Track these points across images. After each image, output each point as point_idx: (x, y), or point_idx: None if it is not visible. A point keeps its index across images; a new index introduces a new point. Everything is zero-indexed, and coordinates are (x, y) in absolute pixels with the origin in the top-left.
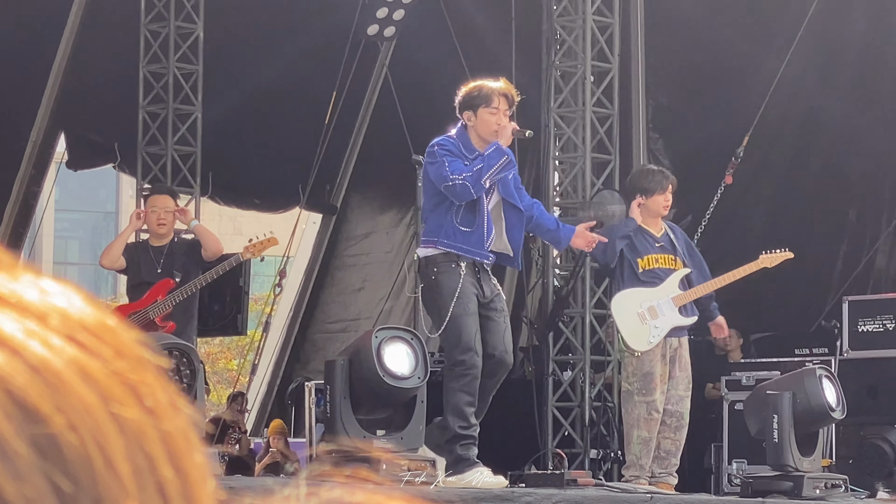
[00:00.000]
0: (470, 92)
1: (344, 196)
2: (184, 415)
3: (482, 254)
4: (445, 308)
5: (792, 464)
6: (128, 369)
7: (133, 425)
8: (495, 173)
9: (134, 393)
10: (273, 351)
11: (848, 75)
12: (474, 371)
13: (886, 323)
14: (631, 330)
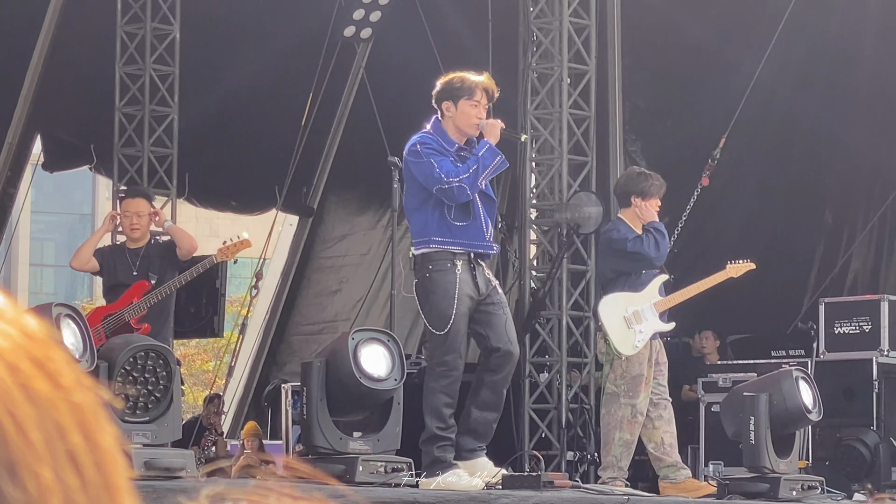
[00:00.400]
0: (451, 82)
1: (320, 198)
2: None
3: (484, 245)
4: (440, 307)
5: (768, 465)
6: (35, 347)
7: (43, 396)
8: (490, 174)
9: (42, 369)
10: (249, 353)
11: (825, 77)
12: (455, 373)
13: (863, 325)
14: (619, 334)
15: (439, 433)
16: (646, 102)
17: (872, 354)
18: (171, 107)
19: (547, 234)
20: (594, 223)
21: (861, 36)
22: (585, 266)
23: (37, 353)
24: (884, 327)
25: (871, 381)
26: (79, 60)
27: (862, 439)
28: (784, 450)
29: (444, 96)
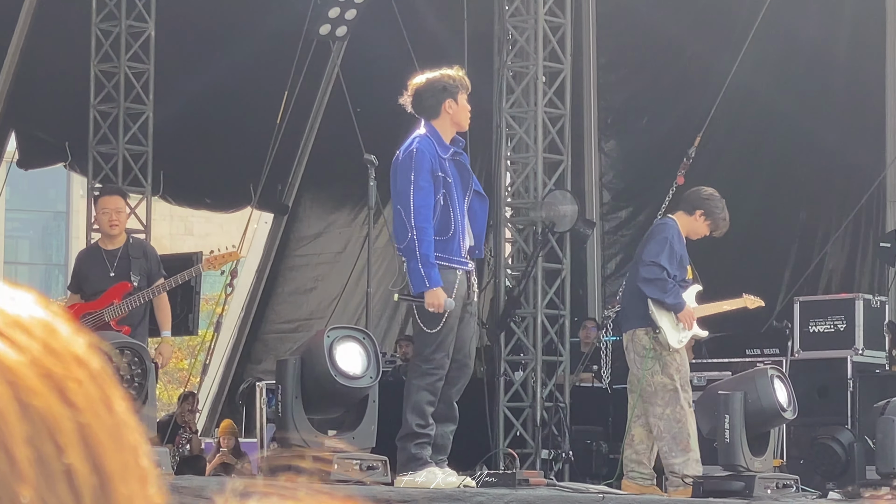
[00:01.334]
0: (443, 80)
1: (296, 195)
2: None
3: (460, 261)
4: None
5: (743, 464)
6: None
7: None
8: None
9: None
10: (224, 351)
11: (800, 75)
12: (441, 372)
13: (837, 324)
14: (670, 329)
15: (418, 430)
16: (621, 101)
17: (847, 353)
18: (146, 104)
19: (522, 232)
20: (569, 221)
21: (836, 35)
22: (560, 264)
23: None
24: (858, 326)
25: (846, 379)
26: (53, 58)
27: (836, 438)
28: (759, 448)
29: (445, 95)
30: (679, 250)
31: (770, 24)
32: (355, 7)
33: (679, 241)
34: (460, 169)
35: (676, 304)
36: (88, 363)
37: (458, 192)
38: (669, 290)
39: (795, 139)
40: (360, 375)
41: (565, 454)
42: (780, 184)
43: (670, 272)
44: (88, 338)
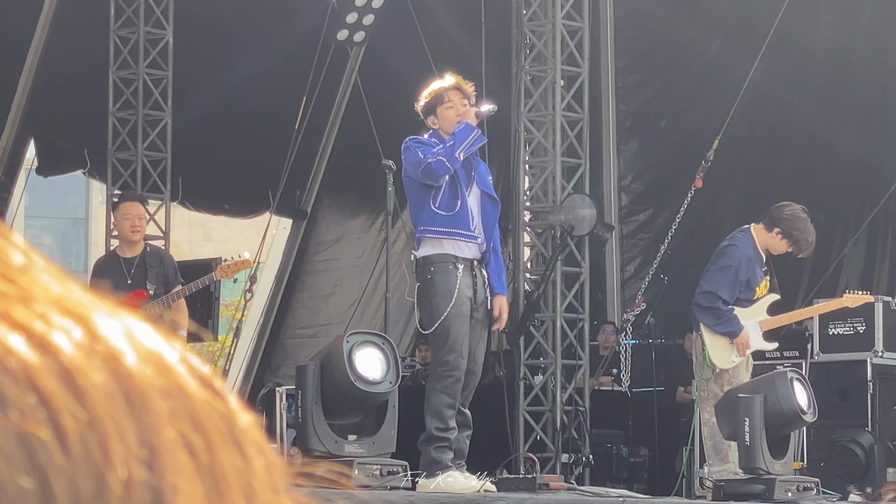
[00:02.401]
0: (425, 99)
1: (314, 201)
2: (271, 462)
3: (469, 235)
4: (438, 308)
5: (764, 467)
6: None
7: (225, 469)
8: (468, 146)
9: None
10: (244, 356)
11: (818, 77)
12: (457, 373)
13: (857, 326)
14: (717, 347)
15: (438, 434)
16: (639, 104)
17: (867, 355)
18: (164, 111)
19: (541, 236)
20: (588, 225)
21: (854, 37)
22: (579, 268)
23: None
24: (878, 328)
25: (866, 381)
26: (72, 65)
27: (857, 440)
28: (779, 451)
29: (426, 113)
30: (745, 274)
31: (787, 26)
32: (373, 12)
33: (747, 264)
34: (463, 164)
35: (730, 333)
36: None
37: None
38: (723, 320)
39: (813, 141)
40: (379, 380)
41: (585, 458)
42: (798, 186)
43: (728, 300)
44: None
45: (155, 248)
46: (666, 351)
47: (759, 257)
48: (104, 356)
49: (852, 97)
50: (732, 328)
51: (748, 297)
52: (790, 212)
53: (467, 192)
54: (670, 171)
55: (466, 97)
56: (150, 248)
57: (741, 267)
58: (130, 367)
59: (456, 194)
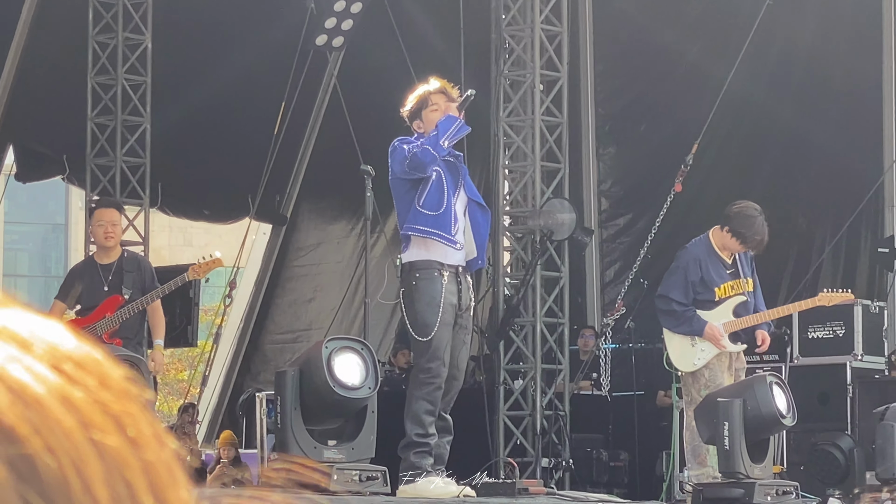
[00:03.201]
0: (410, 105)
1: (294, 206)
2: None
3: (449, 239)
4: (422, 315)
5: (743, 471)
6: (111, 400)
7: (114, 453)
8: (452, 134)
9: (116, 422)
10: (224, 362)
11: (797, 81)
12: (437, 381)
13: (837, 329)
14: (678, 350)
15: (417, 440)
16: (618, 108)
17: (846, 359)
18: (143, 116)
19: (520, 240)
20: (567, 229)
21: (833, 40)
22: (559, 272)
23: (114, 406)
24: (857, 332)
25: (846, 385)
26: (51, 71)
27: (836, 444)
28: (758, 455)
29: (412, 118)
30: (694, 275)
31: (767, 30)
32: (352, 18)
33: (695, 264)
34: (451, 169)
35: (693, 332)
36: (136, 397)
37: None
38: (681, 321)
39: (793, 145)
40: (358, 386)
41: (565, 462)
42: (778, 190)
43: (682, 301)
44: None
45: (132, 253)
46: (646, 355)
47: (718, 258)
48: None
49: (832, 101)
50: (694, 326)
51: (708, 297)
52: (738, 209)
53: (454, 196)
54: (650, 175)
55: (452, 101)
56: (127, 254)
57: (689, 268)
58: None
59: (442, 195)
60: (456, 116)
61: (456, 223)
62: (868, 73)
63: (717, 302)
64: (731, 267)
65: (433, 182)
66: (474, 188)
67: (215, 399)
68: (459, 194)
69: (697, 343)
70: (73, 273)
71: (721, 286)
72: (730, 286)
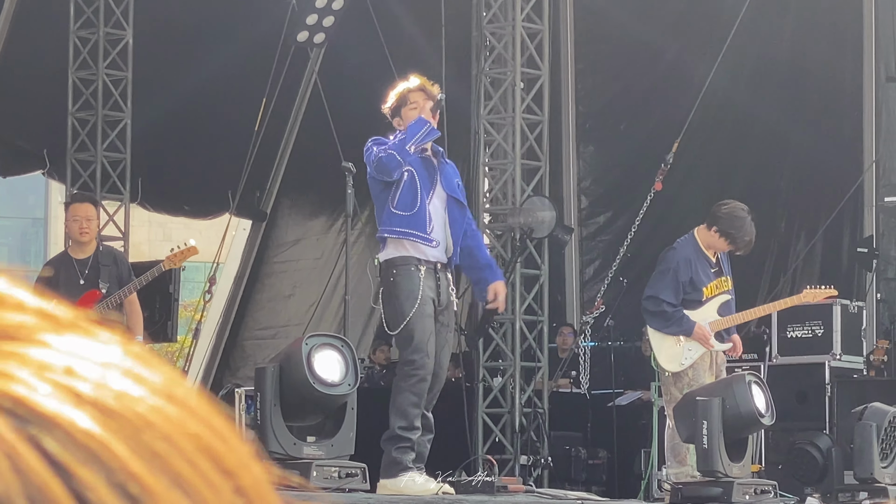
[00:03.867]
0: (391, 101)
1: (274, 202)
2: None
3: (424, 238)
4: (403, 308)
5: (721, 470)
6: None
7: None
8: (419, 139)
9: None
10: (203, 357)
11: (778, 81)
12: (422, 372)
13: (815, 329)
14: (665, 350)
15: (400, 433)
16: (599, 107)
17: (825, 358)
18: (124, 112)
19: (500, 238)
20: (547, 227)
21: (814, 40)
22: (539, 270)
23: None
24: (836, 331)
25: (824, 384)
26: (32, 65)
27: (815, 443)
28: (737, 454)
29: (392, 115)
30: (685, 275)
31: (748, 30)
32: (333, 14)
33: (686, 265)
34: (426, 165)
35: (683, 332)
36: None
37: (424, 184)
38: (672, 321)
39: (773, 144)
40: (338, 383)
41: (544, 460)
42: (757, 189)
43: (673, 302)
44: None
45: (108, 247)
46: (624, 353)
47: (705, 258)
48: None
49: (811, 101)
50: (684, 326)
51: (696, 297)
52: (727, 209)
53: (428, 195)
54: (630, 173)
55: (430, 98)
56: (102, 248)
57: (680, 268)
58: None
59: (415, 195)
60: (426, 120)
61: (431, 221)
62: (848, 72)
63: (703, 301)
64: (715, 266)
65: (405, 182)
66: (454, 182)
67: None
68: (436, 190)
69: (684, 343)
70: (48, 267)
71: (708, 286)
72: (715, 285)
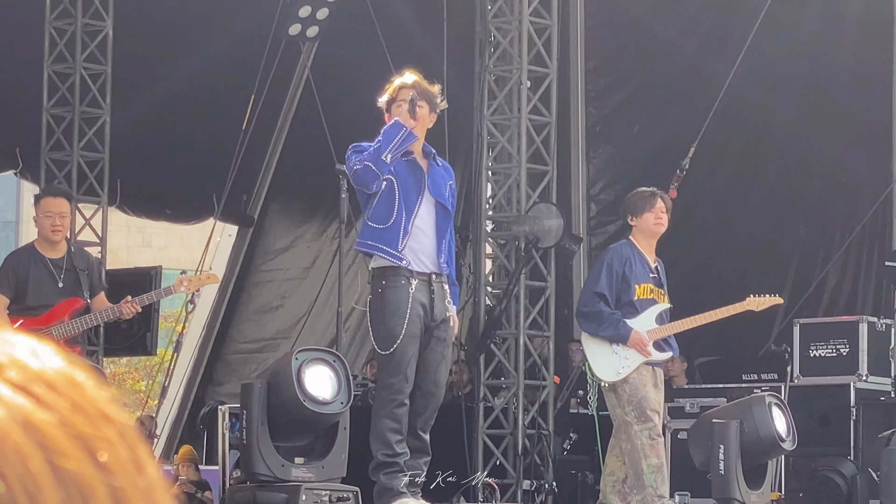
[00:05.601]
0: (385, 96)
1: (262, 207)
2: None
3: (393, 255)
4: (387, 326)
5: (739, 497)
6: (84, 423)
7: (76, 478)
8: (395, 147)
9: (86, 447)
10: (184, 372)
11: (801, 82)
12: (400, 397)
13: (840, 348)
14: (600, 359)
15: (385, 459)
16: (610, 108)
17: (850, 379)
18: (102, 108)
19: (504, 247)
20: (554, 236)
21: (840, 40)
22: (545, 282)
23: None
24: (862, 350)
25: (849, 407)
26: (4, 58)
27: (838, 470)
28: (755, 481)
29: (385, 110)
30: (619, 266)
31: (769, 28)
32: (327, 6)
33: (619, 258)
34: (413, 170)
35: (618, 336)
36: (116, 420)
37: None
38: (606, 323)
39: (795, 151)
40: (330, 401)
41: (548, 485)
42: (778, 198)
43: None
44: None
45: (79, 248)
46: None
47: (640, 256)
48: None
49: (837, 104)
50: (620, 331)
51: (628, 297)
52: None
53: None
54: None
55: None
56: (75, 249)
57: (613, 260)
58: None
59: (391, 207)
60: (401, 125)
61: (405, 237)
62: (876, 74)
63: (639, 309)
64: (654, 272)
65: (382, 193)
66: (442, 187)
67: (175, 412)
68: (424, 196)
69: (620, 351)
70: (17, 262)
71: (642, 285)
72: (649, 288)
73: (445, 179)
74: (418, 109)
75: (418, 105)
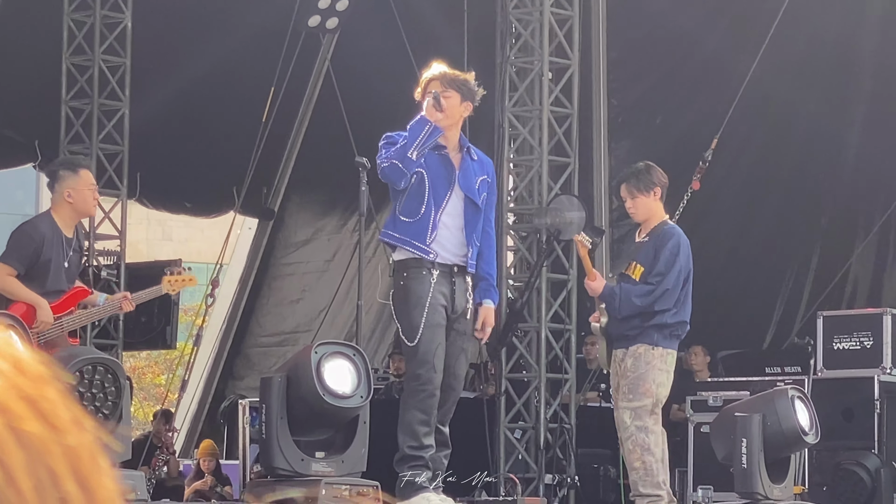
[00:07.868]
0: (418, 90)
1: (282, 199)
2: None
3: (422, 248)
4: (410, 317)
5: (761, 491)
6: (28, 385)
7: (34, 440)
8: (421, 143)
9: (35, 408)
10: (204, 366)
11: (824, 73)
12: (429, 387)
13: (863, 340)
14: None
15: (411, 452)
16: (632, 100)
17: (874, 372)
18: (121, 101)
19: (525, 240)
20: (576, 228)
21: (863, 31)
22: (566, 275)
23: (30, 391)
24: (886, 343)
25: (873, 400)
26: (23, 50)
27: (862, 463)
28: (778, 475)
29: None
30: None
31: (792, 19)
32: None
33: None
34: (443, 163)
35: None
36: (53, 381)
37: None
38: None
39: (818, 142)
40: (349, 394)
41: (570, 479)
42: (801, 190)
43: None
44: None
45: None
46: None
47: None
48: None
49: (861, 95)
50: None
51: None
52: None
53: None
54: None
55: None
56: (78, 228)
57: None
58: None
59: (420, 201)
60: (427, 120)
61: (434, 231)
62: None
63: None
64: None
65: (412, 187)
66: (473, 183)
67: (195, 406)
68: (454, 190)
69: None
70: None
71: None
72: None
73: (478, 174)
74: (445, 100)
75: (444, 96)
